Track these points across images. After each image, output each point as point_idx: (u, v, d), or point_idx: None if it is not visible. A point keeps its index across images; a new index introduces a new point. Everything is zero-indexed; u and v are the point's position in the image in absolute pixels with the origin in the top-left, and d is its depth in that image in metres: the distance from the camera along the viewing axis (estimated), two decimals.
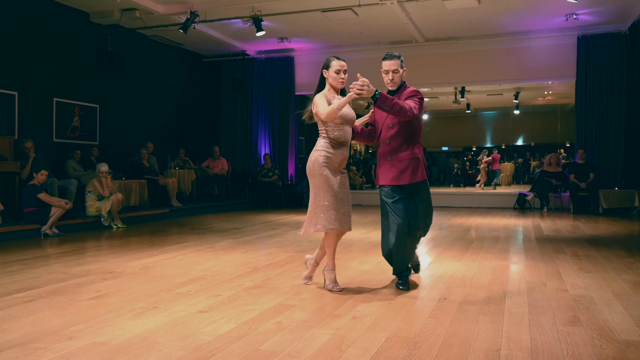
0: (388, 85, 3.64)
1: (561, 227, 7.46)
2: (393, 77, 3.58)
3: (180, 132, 11.71)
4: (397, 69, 3.57)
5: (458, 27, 10.33)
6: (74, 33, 9.14)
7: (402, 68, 3.61)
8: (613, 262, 4.72)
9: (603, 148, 10.10)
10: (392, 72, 3.58)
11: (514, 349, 2.47)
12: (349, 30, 10.27)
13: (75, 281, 3.98)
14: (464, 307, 3.23)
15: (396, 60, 3.57)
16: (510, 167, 19.85)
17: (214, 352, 2.43)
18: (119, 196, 7.57)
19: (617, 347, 2.50)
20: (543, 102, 19.18)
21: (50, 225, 6.59)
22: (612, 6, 9.02)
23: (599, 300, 3.38)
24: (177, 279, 4.07)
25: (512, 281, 3.96)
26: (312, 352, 2.43)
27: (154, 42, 10.90)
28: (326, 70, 3.56)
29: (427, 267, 4.54)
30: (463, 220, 8.47)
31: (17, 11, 8.10)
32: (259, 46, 11.91)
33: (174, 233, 7.07)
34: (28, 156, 7.39)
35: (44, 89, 8.56)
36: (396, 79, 3.59)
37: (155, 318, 2.99)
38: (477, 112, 22.43)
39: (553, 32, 10.38)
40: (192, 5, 8.98)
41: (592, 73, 10.13)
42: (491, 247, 5.63)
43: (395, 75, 3.58)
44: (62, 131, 8.88)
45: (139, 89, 10.56)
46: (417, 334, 2.69)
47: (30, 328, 2.81)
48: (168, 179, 9.78)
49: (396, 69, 3.58)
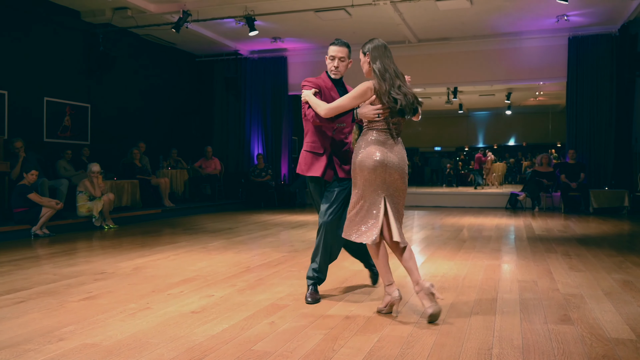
0: (332, 72, 3.34)
1: (552, 227, 7.51)
2: (339, 64, 3.32)
3: (172, 132, 11.66)
4: (344, 57, 3.33)
5: (450, 28, 10.37)
6: (65, 32, 9.08)
7: (349, 59, 3.38)
8: (603, 261, 4.76)
9: (593, 148, 10.18)
10: (338, 59, 3.32)
11: (506, 348, 2.49)
12: (342, 31, 10.27)
13: (66, 282, 3.95)
14: (456, 306, 3.24)
15: (345, 49, 3.34)
16: (502, 167, 19.95)
17: (207, 353, 2.42)
18: (110, 196, 7.52)
19: (607, 346, 2.52)
20: (534, 102, 19.30)
21: (41, 226, 6.54)
22: (602, 8, 9.09)
23: (589, 299, 3.40)
24: (170, 279, 4.05)
25: (503, 280, 3.98)
26: (305, 352, 2.43)
27: (146, 42, 10.84)
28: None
29: (419, 267, 4.55)
30: (455, 220, 8.50)
31: (7, 9, 8.03)
32: (252, 46, 11.89)
33: (166, 233, 7.04)
34: (18, 156, 7.33)
35: (34, 88, 8.49)
36: (341, 67, 3.34)
37: (147, 319, 2.97)
38: (470, 113, 22.52)
39: (544, 33, 10.45)
40: (185, 4, 8.95)
41: (582, 74, 10.21)
42: (483, 247, 5.66)
43: (341, 64, 3.33)
44: (52, 131, 8.81)
45: (130, 88, 10.50)
46: (410, 334, 2.70)
47: (21, 329, 2.79)
48: (160, 179, 9.73)
49: (343, 57, 3.33)
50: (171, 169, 10.49)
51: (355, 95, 3.05)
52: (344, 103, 3.09)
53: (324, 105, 3.14)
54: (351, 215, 3.10)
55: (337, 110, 3.10)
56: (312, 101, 3.20)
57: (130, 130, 10.36)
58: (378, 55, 3.07)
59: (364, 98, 3.05)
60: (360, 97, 3.05)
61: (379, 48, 3.09)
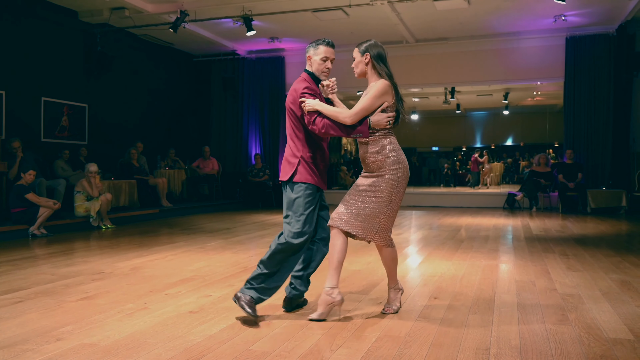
0: (323, 74, 3.07)
1: (550, 227, 7.52)
2: (330, 68, 3.10)
3: (170, 132, 11.64)
4: (334, 58, 3.13)
5: (448, 28, 10.38)
6: (63, 31, 9.06)
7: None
8: (601, 261, 4.77)
9: (591, 148, 10.20)
10: (330, 61, 3.09)
11: (504, 348, 2.49)
12: (340, 31, 10.27)
13: (64, 282, 3.94)
14: (453, 306, 3.25)
15: (334, 49, 3.11)
16: (499, 167, 19.99)
17: (205, 353, 2.42)
18: (108, 196, 7.51)
19: (605, 346, 2.53)
20: (532, 102, 19.33)
21: (39, 226, 6.52)
22: (600, 8, 9.11)
23: (587, 299, 3.41)
24: (167, 279, 4.05)
25: (501, 280, 3.99)
26: (303, 352, 2.43)
27: (144, 42, 10.83)
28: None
29: (417, 267, 4.56)
30: (453, 220, 8.51)
31: (5, 9, 8.01)
32: (249, 46, 11.88)
33: (164, 233, 7.03)
34: (16, 156, 7.31)
35: (32, 88, 8.47)
36: (330, 71, 3.12)
37: (145, 319, 2.97)
38: (467, 113, 22.54)
39: (542, 33, 10.47)
40: (182, 4, 8.94)
41: (580, 74, 10.23)
42: (481, 247, 5.67)
43: (331, 67, 3.11)
44: (50, 131, 8.79)
45: (128, 88, 10.48)
46: (408, 334, 2.70)
47: (18, 329, 2.78)
48: (158, 179, 9.72)
49: (334, 59, 3.13)
50: (169, 169, 10.48)
51: (377, 94, 2.89)
52: (368, 104, 2.88)
53: (346, 112, 2.90)
54: (390, 223, 2.99)
55: (362, 114, 2.88)
56: (328, 110, 2.90)
57: (128, 130, 10.34)
58: (382, 58, 2.98)
59: (385, 98, 2.92)
60: (382, 97, 2.90)
61: (380, 49, 2.99)
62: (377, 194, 2.95)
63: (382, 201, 2.94)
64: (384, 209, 2.95)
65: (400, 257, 5.03)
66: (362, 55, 3.01)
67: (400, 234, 6.77)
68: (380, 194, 2.95)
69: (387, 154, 2.95)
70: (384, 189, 2.94)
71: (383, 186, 2.95)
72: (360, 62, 3.02)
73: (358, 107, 2.90)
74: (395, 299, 3.13)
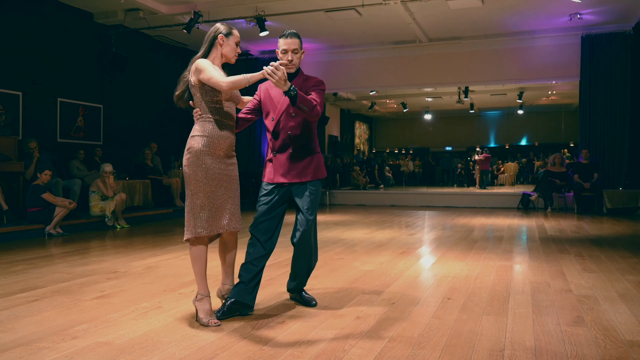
0: (286, 67, 3.10)
1: (565, 227, 7.43)
2: (292, 57, 3.13)
3: (184, 132, 11.69)
4: (297, 48, 3.14)
5: (462, 27, 10.31)
6: (78, 33, 9.17)
7: (302, 49, 3.21)
8: (617, 262, 4.71)
9: (607, 148, 10.07)
10: (291, 51, 3.12)
11: (518, 349, 2.47)
12: (353, 30, 10.26)
13: (79, 281, 3.99)
14: (467, 307, 3.22)
15: (296, 39, 3.14)
16: (514, 167, 19.82)
17: (218, 352, 2.43)
18: (122, 196, 7.58)
19: (621, 348, 2.49)
20: (547, 102, 19.14)
21: (54, 225, 6.61)
22: (616, 6, 8.99)
23: (603, 300, 3.37)
24: (181, 279, 4.08)
25: (515, 281, 3.95)
26: (316, 352, 2.43)
27: (158, 42, 10.92)
28: (225, 38, 3.14)
29: (430, 267, 4.54)
30: (466, 221, 8.45)
31: (21, 11, 8.13)
32: (262, 46, 11.91)
33: (177, 233, 7.08)
34: (32, 156, 7.41)
35: (48, 89, 8.59)
36: (295, 60, 3.14)
37: (158, 318, 2.99)
38: (481, 112, 22.37)
39: (557, 32, 10.36)
40: (196, 5, 9.00)
41: (596, 73, 10.10)
42: (495, 247, 5.62)
43: (295, 56, 3.14)
44: (66, 131, 8.91)
45: (142, 89, 10.58)
46: (421, 334, 2.69)
47: (35, 327, 2.82)
48: (172, 179, 9.80)
49: (296, 49, 3.14)
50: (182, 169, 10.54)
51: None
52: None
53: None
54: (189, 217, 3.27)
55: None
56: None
57: (142, 130, 10.44)
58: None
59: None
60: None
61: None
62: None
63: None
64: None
65: (413, 257, 5.01)
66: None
67: (414, 235, 6.75)
68: None
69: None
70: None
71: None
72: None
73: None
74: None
